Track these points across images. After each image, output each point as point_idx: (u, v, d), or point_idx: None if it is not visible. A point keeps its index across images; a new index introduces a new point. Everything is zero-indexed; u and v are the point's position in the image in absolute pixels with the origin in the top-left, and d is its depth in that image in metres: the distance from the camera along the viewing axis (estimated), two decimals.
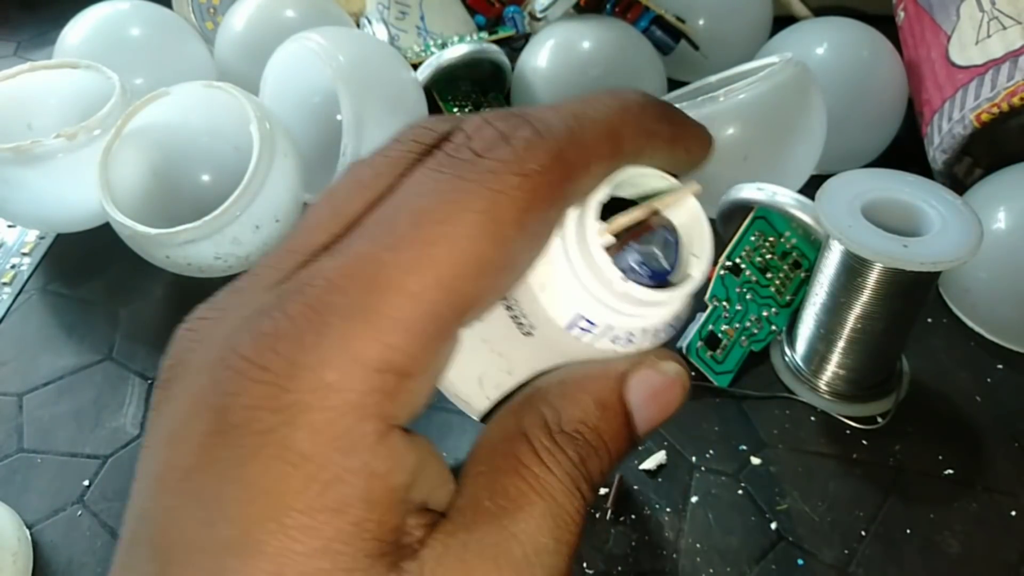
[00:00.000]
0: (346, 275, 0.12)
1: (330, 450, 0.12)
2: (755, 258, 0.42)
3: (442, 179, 0.13)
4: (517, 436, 0.15)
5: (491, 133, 0.14)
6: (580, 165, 0.14)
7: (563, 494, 0.14)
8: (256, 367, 0.12)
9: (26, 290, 0.49)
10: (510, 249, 0.13)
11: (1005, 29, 0.46)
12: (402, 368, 0.12)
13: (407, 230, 0.12)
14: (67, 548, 0.36)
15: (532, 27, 0.60)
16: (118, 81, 0.48)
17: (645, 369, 0.16)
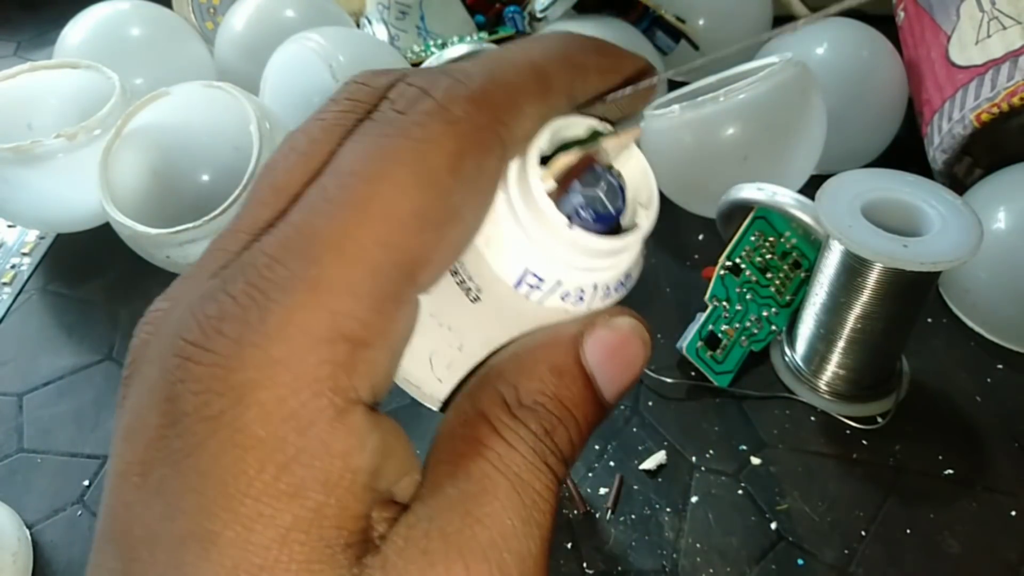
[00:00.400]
0: (285, 248, 0.12)
1: (283, 429, 0.11)
2: (755, 258, 0.42)
3: (368, 140, 0.13)
4: (475, 417, 0.14)
5: (411, 91, 0.13)
6: (507, 106, 0.13)
7: (529, 471, 0.13)
8: (201, 350, 0.11)
9: (26, 290, 0.49)
10: (448, 199, 0.13)
11: (1005, 29, 0.46)
12: (353, 335, 0.12)
13: (338, 194, 0.12)
14: (67, 548, 0.36)
15: (532, 27, 0.60)
16: (118, 81, 0.48)
17: (598, 328, 0.15)
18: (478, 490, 0.13)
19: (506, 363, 0.15)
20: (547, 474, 0.14)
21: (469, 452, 0.13)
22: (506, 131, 0.13)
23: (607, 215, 0.15)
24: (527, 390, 0.14)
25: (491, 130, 0.13)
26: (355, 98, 0.14)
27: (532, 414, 0.14)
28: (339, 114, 0.14)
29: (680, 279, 0.48)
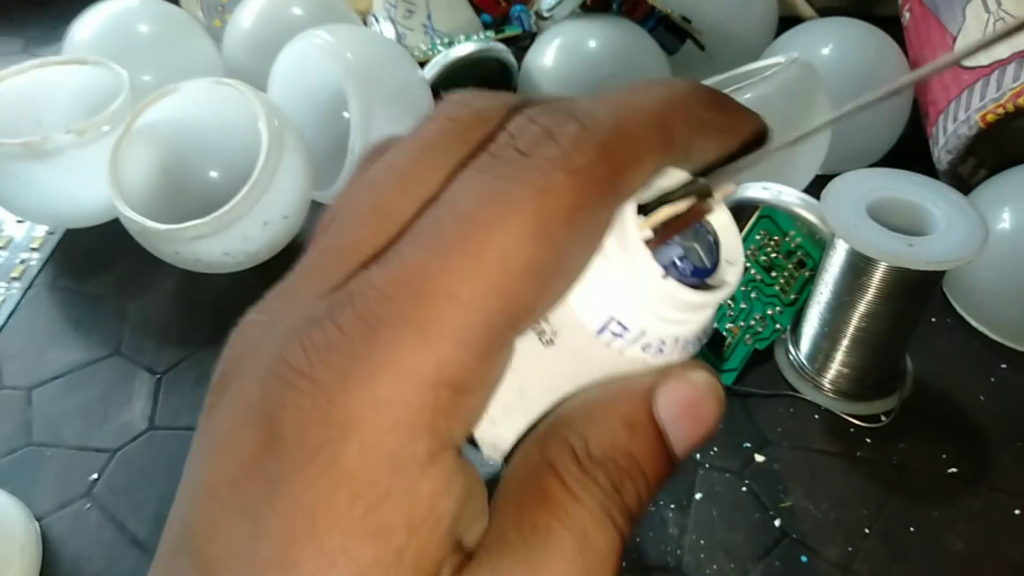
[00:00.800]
0: (396, 285, 0.12)
1: (379, 469, 0.11)
2: (760, 257, 0.42)
3: (488, 181, 0.12)
4: (543, 467, 0.14)
5: (536, 130, 0.13)
6: (630, 159, 0.13)
7: (595, 528, 0.13)
8: (306, 379, 0.11)
9: (35, 285, 0.50)
10: (561, 251, 0.12)
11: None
12: (457, 382, 0.12)
13: (454, 236, 0.12)
14: (75, 541, 0.36)
15: (538, 26, 0.60)
16: (127, 77, 0.48)
17: (673, 381, 0.14)
18: (543, 545, 0.13)
19: (576, 412, 0.14)
20: (612, 531, 0.13)
21: (535, 503, 0.13)
22: (625, 184, 0.13)
23: (702, 269, 0.15)
24: (597, 442, 0.14)
25: (611, 183, 0.13)
26: (455, 118, 0.14)
27: (601, 468, 0.13)
28: (439, 133, 0.14)
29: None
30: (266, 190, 0.43)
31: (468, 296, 0.12)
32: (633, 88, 0.14)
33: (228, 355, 0.13)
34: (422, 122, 0.14)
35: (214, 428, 0.13)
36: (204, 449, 0.13)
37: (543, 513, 0.13)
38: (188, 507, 0.12)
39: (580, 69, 0.54)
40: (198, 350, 0.45)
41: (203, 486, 0.12)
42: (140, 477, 0.39)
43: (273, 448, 0.11)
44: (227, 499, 0.12)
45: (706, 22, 0.61)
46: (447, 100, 0.14)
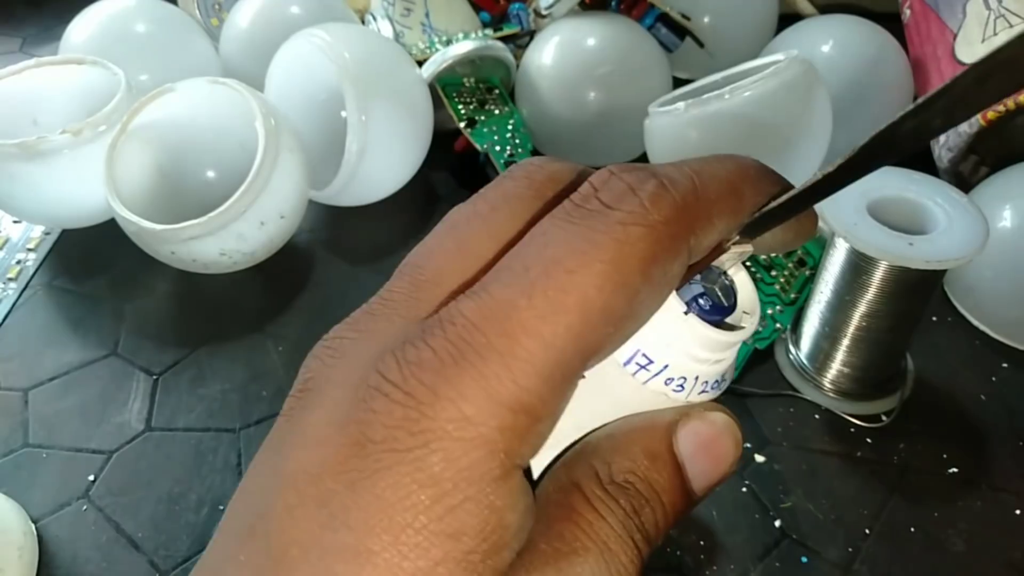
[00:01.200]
0: (484, 317, 0.13)
1: (459, 478, 0.12)
2: (760, 256, 0.42)
3: (572, 229, 0.14)
4: (570, 487, 0.15)
5: (619, 185, 0.14)
6: (703, 218, 0.14)
7: (616, 542, 0.14)
8: (401, 391, 0.13)
9: (31, 286, 0.49)
10: (635, 299, 0.14)
11: (1011, 27, 0.46)
12: (532, 410, 0.13)
13: (540, 278, 0.13)
14: (72, 543, 0.36)
15: (537, 24, 0.60)
16: (123, 77, 0.48)
17: (693, 419, 0.16)
18: (569, 551, 0.14)
19: (602, 440, 0.16)
20: (633, 549, 0.14)
21: (562, 517, 0.14)
22: (696, 242, 0.15)
23: (721, 308, 0.16)
24: (620, 468, 0.15)
25: (684, 239, 0.14)
26: (532, 176, 0.16)
27: (623, 491, 0.15)
28: (518, 188, 0.15)
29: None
30: (263, 190, 0.43)
31: (549, 335, 0.13)
32: (708, 158, 0.16)
33: (313, 364, 0.15)
34: (500, 179, 0.16)
35: (299, 427, 0.14)
36: (287, 445, 0.14)
37: (570, 526, 0.14)
38: (264, 496, 0.13)
39: (579, 67, 0.54)
40: (195, 351, 0.45)
41: (285, 477, 0.13)
42: (137, 478, 0.39)
43: (362, 449, 0.12)
44: (309, 491, 0.13)
45: (705, 19, 0.60)
46: (523, 162, 0.16)
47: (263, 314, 0.47)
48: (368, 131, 0.46)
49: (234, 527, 0.14)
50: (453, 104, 0.54)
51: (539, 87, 0.55)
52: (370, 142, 0.47)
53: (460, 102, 0.55)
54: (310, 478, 0.13)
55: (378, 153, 0.48)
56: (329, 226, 0.53)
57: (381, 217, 0.53)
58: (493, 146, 0.53)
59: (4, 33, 0.75)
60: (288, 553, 0.12)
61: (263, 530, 0.13)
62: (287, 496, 0.13)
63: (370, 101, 0.46)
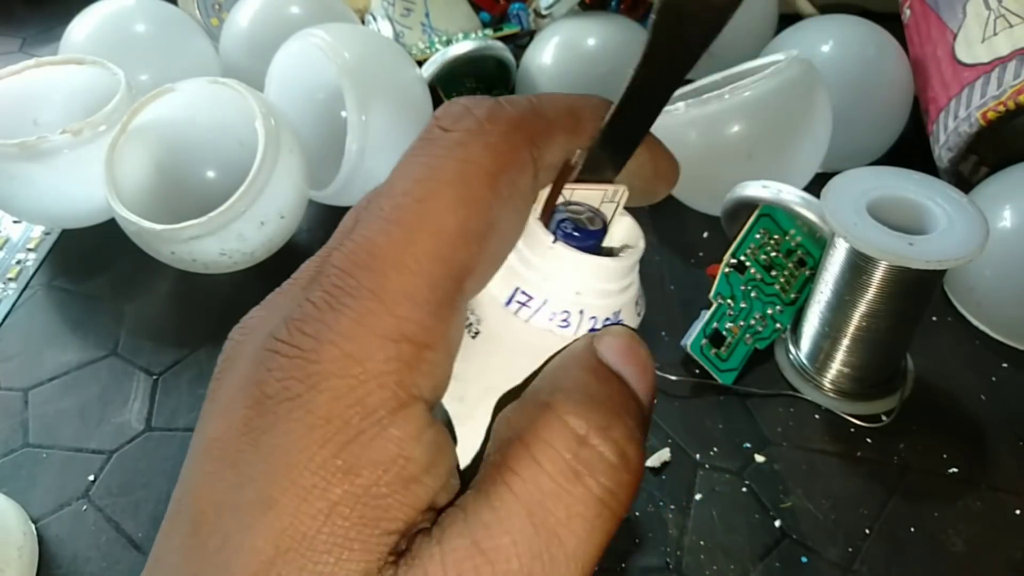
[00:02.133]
0: (352, 262, 0.13)
1: (349, 413, 0.12)
2: (760, 256, 0.42)
3: (416, 160, 0.14)
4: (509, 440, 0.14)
5: (455, 108, 0.15)
6: (542, 132, 0.15)
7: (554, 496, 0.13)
8: (287, 345, 0.13)
9: (31, 286, 0.49)
10: (487, 213, 0.14)
11: (1012, 27, 0.46)
12: (416, 337, 0.13)
13: (392, 213, 0.14)
14: (72, 543, 0.36)
15: (537, 24, 0.60)
16: (123, 77, 0.48)
17: (603, 337, 0.16)
18: (491, 519, 0.13)
19: (539, 382, 0.15)
20: (577, 495, 0.13)
21: (493, 476, 0.13)
22: (539, 154, 0.15)
23: (589, 232, 0.16)
24: (565, 399, 0.14)
25: (525, 150, 0.15)
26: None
27: (564, 425, 0.14)
28: None
29: (684, 276, 0.48)
30: (263, 190, 0.43)
31: (413, 264, 0.13)
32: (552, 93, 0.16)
33: (227, 348, 0.15)
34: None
35: (213, 405, 0.14)
36: (204, 423, 0.14)
37: (498, 485, 0.13)
38: (187, 472, 0.14)
39: (579, 67, 0.54)
40: (195, 351, 0.45)
41: (201, 450, 0.14)
42: (137, 478, 0.39)
43: (261, 406, 0.13)
44: (220, 455, 0.13)
45: None
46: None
47: None
48: (368, 131, 0.46)
49: (169, 510, 0.14)
50: None
51: (539, 87, 0.55)
52: (370, 142, 0.47)
53: None
54: (221, 444, 0.13)
55: (378, 153, 0.48)
56: (329, 226, 0.53)
57: None
58: None
59: (4, 33, 0.75)
60: (205, 516, 0.13)
61: (186, 502, 0.13)
62: (203, 465, 0.13)
63: (370, 101, 0.46)
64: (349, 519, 0.12)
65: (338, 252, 0.14)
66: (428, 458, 0.13)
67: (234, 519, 0.12)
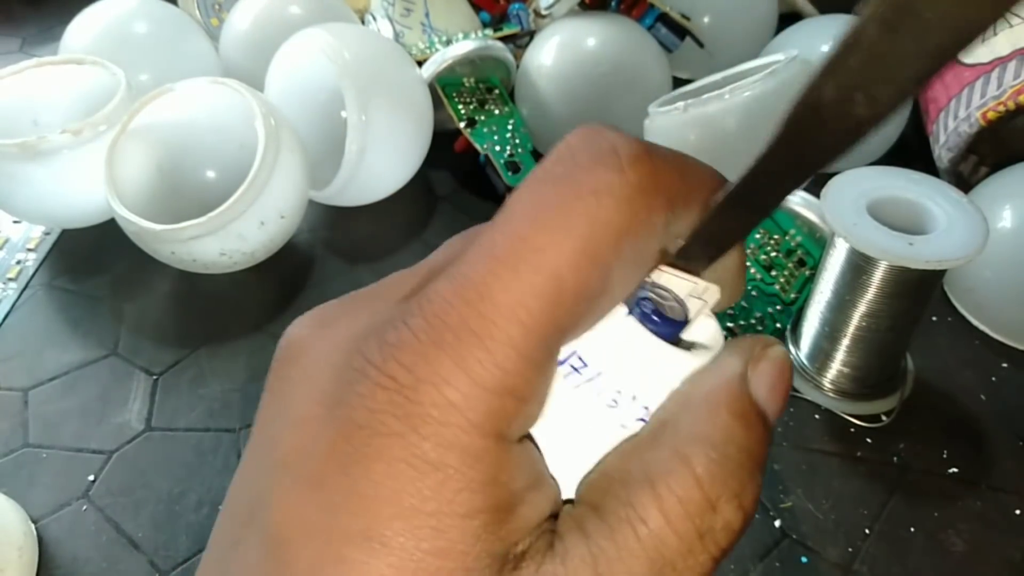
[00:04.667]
0: (458, 296, 0.13)
1: (458, 462, 0.12)
2: (760, 256, 0.42)
3: (543, 196, 0.13)
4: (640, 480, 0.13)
5: (600, 143, 0.13)
6: (681, 197, 0.14)
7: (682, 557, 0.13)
8: (382, 374, 0.12)
9: (31, 286, 0.49)
10: (607, 276, 0.13)
11: (1012, 27, 0.46)
12: (517, 391, 0.13)
13: (509, 256, 0.13)
14: (72, 543, 0.36)
15: (537, 24, 0.60)
16: (123, 77, 0.48)
17: (761, 364, 0.15)
18: (614, 554, 0.13)
19: (682, 414, 0.14)
20: (698, 556, 0.13)
21: (618, 513, 0.13)
22: (673, 219, 0.14)
23: (669, 321, 0.15)
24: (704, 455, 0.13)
25: (660, 213, 0.13)
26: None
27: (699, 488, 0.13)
28: None
29: None
30: (263, 190, 0.43)
31: (525, 316, 0.12)
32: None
33: (296, 334, 0.15)
34: None
35: (284, 407, 0.14)
36: (275, 427, 0.14)
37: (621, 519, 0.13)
38: (258, 482, 0.13)
39: (579, 67, 0.54)
40: (195, 350, 0.45)
41: (277, 460, 0.13)
42: (137, 478, 0.39)
43: (348, 432, 0.12)
44: (300, 473, 0.13)
45: (705, 19, 0.60)
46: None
47: (263, 314, 0.47)
48: (368, 131, 0.46)
49: (233, 512, 0.14)
50: (453, 104, 0.54)
51: (539, 87, 0.55)
52: (370, 142, 0.47)
53: (460, 102, 0.55)
54: (300, 460, 0.13)
55: (378, 153, 0.48)
56: (329, 226, 0.53)
57: (381, 217, 0.53)
58: (493, 146, 0.53)
59: (4, 33, 0.75)
60: (290, 537, 0.12)
61: (261, 514, 0.13)
62: (281, 479, 0.13)
63: (370, 101, 0.46)
64: (470, 554, 0.12)
65: (444, 281, 0.13)
66: (528, 482, 0.13)
67: (330, 549, 0.12)
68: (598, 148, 0.13)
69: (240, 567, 0.13)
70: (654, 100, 0.51)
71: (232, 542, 0.13)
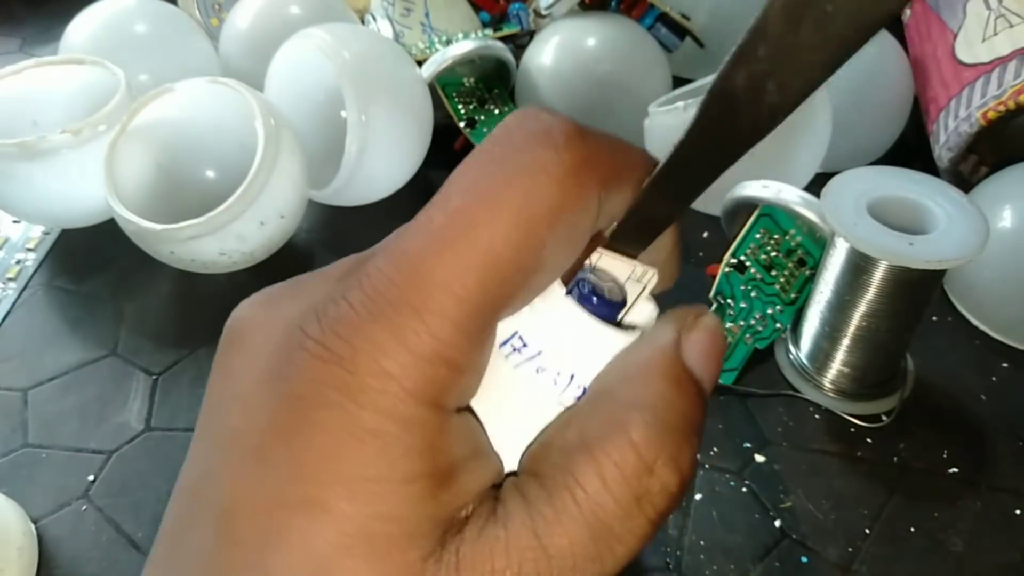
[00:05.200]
0: (396, 270, 0.13)
1: (396, 429, 0.13)
2: (760, 256, 0.42)
3: (480, 173, 0.13)
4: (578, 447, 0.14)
5: (534, 124, 0.14)
6: (614, 177, 0.14)
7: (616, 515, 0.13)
8: (321, 347, 0.13)
9: (31, 286, 0.49)
10: (542, 251, 0.13)
11: (1012, 27, 0.46)
12: (453, 362, 0.13)
13: (445, 230, 0.13)
14: (72, 543, 0.36)
15: (537, 24, 0.60)
16: (123, 77, 0.48)
17: (693, 332, 0.15)
18: (552, 518, 0.13)
19: (618, 382, 0.15)
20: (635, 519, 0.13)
21: (556, 479, 0.14)
22: (605, 198, 0.14)
23: (607, 303, 0.15)
24: (641, 419, 0.14)
25: (593, 191, 0.14)
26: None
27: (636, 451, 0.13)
28: None
29: (684, 276, 0.47)
30: (262, 190, 0.43)
31: (460, 288, 0.13)
32: None
33: (241, 315, 0.15)
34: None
35: (229, 385, 0.14)
36: (220, 406, 0.14)
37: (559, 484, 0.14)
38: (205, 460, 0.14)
39: (579, 67, 0.54)
40: (195, 351, 0.45)
41: (222, 440, 0.13)
42: (137, 478, 0.39)
43: (289, 404, 0.13)
44: (247, 451, 0.13)
45: (705, 19, 0.60)
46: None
47: None
48: (368, 131, 0.46)
49: (184, 487, 0.14)
50: (453, 104, 0.54)
51: (539, 87, 0.55)
52: (370, 142, 0.47)
53: (460, 102, 0.54)
54: (243, 434, 0.13)
55: (378, 153, 0.48)
56: (329, 226, 0.53)
57: (381, 217, 0.53)
58: None
59: (4, 33, 0.75)
60: (235, 511, 0.13)
61: (208, 491, 0.13)
62: (226, 454, 0.13)
63: (370, 101, 0.46)
64: (411, 518, 0.13)
65: (383, 256, 0.13)
66: (468, 451, 0.14)
67: (274, 519, 0.12)
68: (534, 128, 0.14)
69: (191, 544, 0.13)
70: (654, 100, 0.51)
71: (181, 520, 0.14)
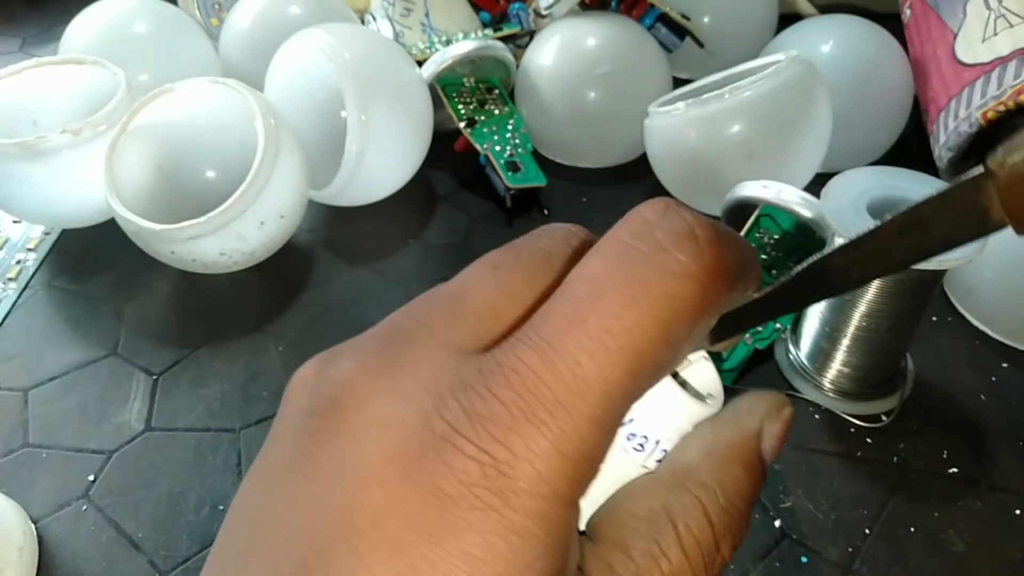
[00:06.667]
0: (548, 370, 0.13)
1: (540, 531, 0.13)
2: (760, 255, 0.42)
3: (624, 274, 0.14)
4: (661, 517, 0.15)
5: (679, 225, 0.14)
6: (738, 277, 0.15)
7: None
8: (476, 447, 0.13)
9: (31, 286, 0.49)
10: (679, 352, 0.14)
11: (1012, 27, 0.46)
12: (591, 458, 0.13)
13: (600, 333, 0.13)
14: (72, 542, 0.36)
15: (537, 24, 0.60)
16: (123, 77, 0.48)
17: (774, 424, 0.16)
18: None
19: (703, 460, 0.16)
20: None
21: (644, 550, 0.14)
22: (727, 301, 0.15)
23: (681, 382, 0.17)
24: (715, 503, 0.15)
25: (725, 293, 0.14)
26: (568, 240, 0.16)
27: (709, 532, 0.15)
28: (556, 246, 0.16)
29: None
30: (262, 190, 0.43)
31: (609, 391, 0.13)
32: None
33: (342, 377, 0.14)
34: (535, 236, 0.16)
35: (341, 456, 0.13)
36: (330, 474, 0.13)
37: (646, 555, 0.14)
38: (316, 528, 0.13)
39: (579, 67, 0.54)
40: (195, 351, 0.45)
41: (342, 514, 0.13)
42: (137, 478, 0.39)
43: (436, 502, 0.12)
44: (375, 535, 0.12)
45: (705, 19, 0.60)
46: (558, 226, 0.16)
47: (263, 314, 0.47)
48: (368, 131, 0.46)
49: (276, 555, 0.13)
50: (453, 104, 0.54)
51: (539, 87, 0.55)
52: (370, 142, 0.47)
53: (460, 102, 0.54)
54: (374, 521, 0.12)
55: (378, 153, 0.48)
56: (329, 226, 0.53)
57: (381, 217, 0.53)
58: (493, 146, 0.53)
59: (4, 33, 0.75)
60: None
61: (324, 571, 0.12)
62: (351, 537, 0.12)
63: (370, 101, 0.46)
64: None
65: (528, 349, 0.13)
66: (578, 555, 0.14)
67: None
68: (678, 229, 0.14)
69: None
70: (654, 100, 0.51)
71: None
